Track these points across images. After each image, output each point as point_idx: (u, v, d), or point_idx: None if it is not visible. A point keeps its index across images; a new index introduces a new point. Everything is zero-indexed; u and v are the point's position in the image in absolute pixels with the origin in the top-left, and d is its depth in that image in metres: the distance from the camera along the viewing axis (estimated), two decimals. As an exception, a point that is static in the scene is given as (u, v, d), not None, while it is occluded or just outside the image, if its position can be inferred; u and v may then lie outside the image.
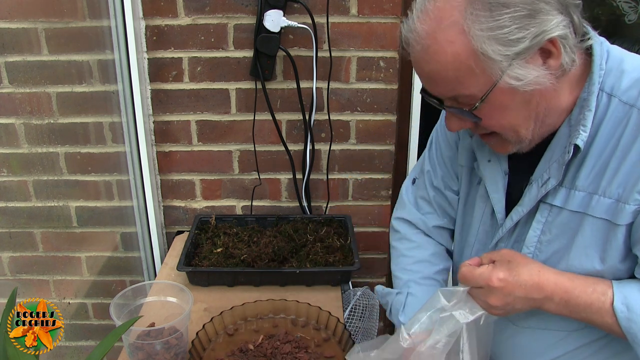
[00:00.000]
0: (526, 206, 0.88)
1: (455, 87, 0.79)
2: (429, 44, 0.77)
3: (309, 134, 1.62)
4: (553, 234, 0.87)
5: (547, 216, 0.87)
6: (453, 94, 0.81)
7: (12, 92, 1.58)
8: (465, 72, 0.77)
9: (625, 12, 2.32)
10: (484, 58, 0.75)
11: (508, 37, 0.74)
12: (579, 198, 0.83)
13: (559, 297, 0.81)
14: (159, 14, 1.51)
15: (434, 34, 0.77)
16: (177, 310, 1.17)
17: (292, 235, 1.55)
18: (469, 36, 0.75)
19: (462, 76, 0.77)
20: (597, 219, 0.82)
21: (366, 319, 1.54)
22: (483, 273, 0.82)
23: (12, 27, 1.51)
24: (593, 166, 0.82)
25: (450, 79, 0.78)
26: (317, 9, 1.49)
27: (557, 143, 0.85)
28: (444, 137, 1.09)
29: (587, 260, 0.84)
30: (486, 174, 0.95)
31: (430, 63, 0.79)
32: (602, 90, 0.82)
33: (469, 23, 0.74)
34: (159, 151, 1.66)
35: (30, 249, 1.79)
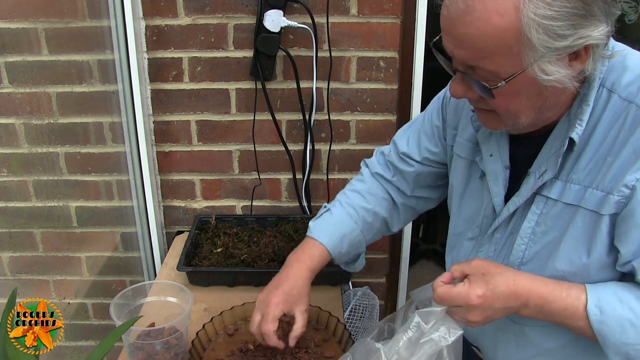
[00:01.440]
0: (522, 197, 0.89)
1: (483, 58, 0.77)
2: (476, 7, 0.73)
3: (309, 134, 1.62)
4: (547, 225, 0.87)
5: (542, 208, 0.88)
6: (475, 64, 0.78)
7: (12, 92, 1.58)
8: (502, 49, 0.74)
9: (625, 12, 2.32)
10: (525, 42, 0.73)
11: (557, 30, 0.72)
12: (574, 191, 0.84)
13: (533, 303, 0.82)
14: (159, 14, 1.51)
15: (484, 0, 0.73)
16: (177, 310, 1.17)
17: (292, 235, 1.55)
18: (521, 15, 0.72)
19: (496, 52, 0.75)
20: (588, 211, 0.82)
21: (366, 319, 1.54)
22: (460, 292, 0.82)
23: (12, 27, 1.51)
24: (590, 160, 0.82)
25: (483, 49, 0.75)
26: (317, 9, 1.49)
27: (556, 136, 0.86)
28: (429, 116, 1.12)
29: (575, 252, 0.84)
30: (488, 167, 0.96)
31: (470, 27, 0.75)
32: (603, 86, 0.82)
33: (526, 2, 0.71)
34: (159, 151, 1.66)
35: (30, 249, 1.79)
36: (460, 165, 1.05)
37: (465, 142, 1.03)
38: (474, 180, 1.01)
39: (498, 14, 0.72)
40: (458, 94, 0.85)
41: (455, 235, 1.07)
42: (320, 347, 1.15)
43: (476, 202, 1.01)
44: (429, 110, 1.14)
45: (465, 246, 1.04)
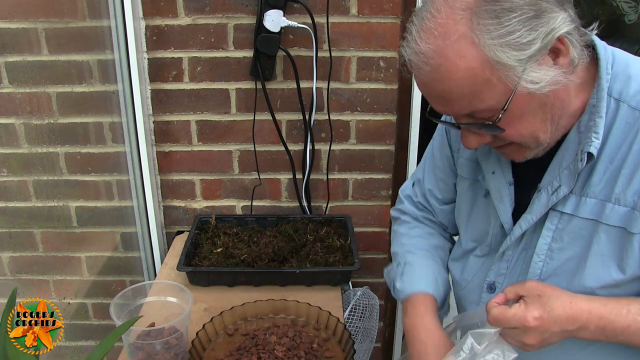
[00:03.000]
0: (535, 214, 0.87)
1: (471, 102, 0.76)
2: (439, 63, 0.74)
3: (309, 134, 1.62)
4: (565, 241, 0.86)
5: (557, 223, 0.86)
6: (469, 111, 0.78)
7: (12, 92, 1.58)
8: (482, 84, 0.74)
9: (625, 12, 2.32)
10: (499, 67, 0.73)
11: (520, 40, 0.72)
12: (590, 205, 0.82)
13: (594, 325, 0.79)
14: (159, 14, 1.51)
15: (442, 52, 0.74)
16: (177, 310, 1.17)
17: (292, 235, 1.55)
18: (480, 47, 0.72)
19: (478, 90, 0.75)
20: (613, 227, 0.81)
21: (366, 319, 1.54)
22: (517, 314, 0.79)
23: (12, 27, 1.51)
24: (604, 173, 0.81)
25: (466, 95, 0.75)
26: (317, 9, 1.49)
27: (566, 149, 0.84)
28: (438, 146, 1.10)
29: (603, 269, 0.82)
30: (491, 185, 0.94)
31: (443, 82, 0.75)
32: (610, 96, 0.81)
33: (477, 34, 0.72)
34: (159, 151, 1.66)
35: (30, 249, 1.79)
36: (464, 186, 1.03)
37: (466, 161, 1.01)
38: (479, 199, 1.00)
39: (460, 57, 0.73)
40: (473, 145, 0.84)
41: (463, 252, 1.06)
42: (320, 347, 1.15)
43: (483, 221, 0.99)
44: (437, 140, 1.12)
45: (472, 262, 1.02)
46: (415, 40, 0.77)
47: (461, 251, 1.07)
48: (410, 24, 0.80)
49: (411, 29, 0.79)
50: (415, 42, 0.77)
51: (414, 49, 0.77)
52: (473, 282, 1.02)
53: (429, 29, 0.76)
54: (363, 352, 1.53)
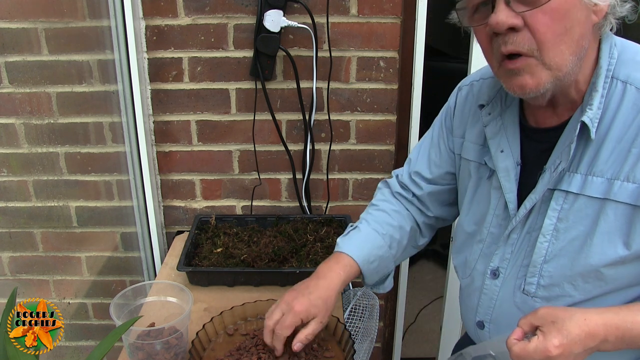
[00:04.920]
0: (539, 193, 0.88)
1: None
2: None
3: (309, 134, 1.62)
4: (570, 221, 0.87)
5: (562, 203, 0.87)
6: None
7: (12, 92, 1.58)
8: None
9: (625, 12, 2.32)
10: None
11: None
12: (597, 184, 0.83)
13: (613, 336, 0.79)
14: (159, 14, 1.51)
15: None
16: (177, 310, 1.17)
17: (292, 235, 1.55)
18: None
19: None
20: (621, 204, 0.82)
21: (366, 319, 1.53)
22: (538, 347, 0.79)
23: (12, 27, 1.51)
24: (611, 152, 0.82)
25: None
26: (317, 9, 1.49)
27: (569, 130, 0.86)
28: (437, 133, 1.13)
29: (610, 246, 0.84)
30: (499, 164, 0.95)
31: None
32: (617, 79, 0.83)
33: None
34: (159, 151, 1.66)
35: (30, 249, 1.79)
36: (468, 169, 1.04)
37: (473, 144, 1.02)
38: (483, 182, 1.01)
39: None
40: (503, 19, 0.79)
41: (465, 236, 1.07)
42: (320, 347, 1.15)
43: (485, 203, 1.00)
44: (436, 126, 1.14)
45: (474, 250, 1.03)
46: None
47: (463, 236, 1.07)
48: None
49: None
50: None
51: None
52: (476, 270, 1.03)
53: None
54: (363, 352, 1.53)
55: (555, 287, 0.90)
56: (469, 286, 1.05)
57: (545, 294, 0.92)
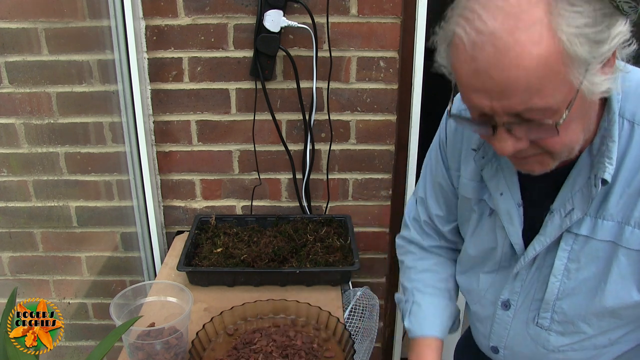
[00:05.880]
0: (549, 236, 0.86)
1: (532, 97, 0.67)
2: (509, 46, 0.65)
3: (309, 134, 1.62)
4: (582, 262, 0.84)
5: (572, 244, 0.85)
6: (524, 107, 0.69)
7: (12, 92, 1.58)
8: (550, 78, 0.66)
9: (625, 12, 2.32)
10: (572, 60, 0.65)
11: (596, 36, 0.66)
12: (608, 227, 0.81)
13: None
14: (159, 14, 1.51)
15: (514, 33, 0.64)
16: (177, 310, 1.18)
17: (292, 235, 1.55)
18: (558, 35, 0.64)
19: (545, 83, 0.66)
20: (633, 251, 0.79)
21: (366, 319, 1.53)
22: None
23: (12, 27, 1.51)
24: (621, 195, 0.79)
25: (531, 87, 0.66)
26: (317, 9, 1.49)
27: (578, 171, 0.82)
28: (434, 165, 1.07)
29: (624, 290, 0.82)
30: (499, 206, 0.91)
31: (509, 69, 0.66)
32: (623, 117, 0.78)
33: (556, 19, 0.64)
34: (159, 151, 1.66)
35: (30, 249, 1.79)
36: (467, 204, 1.00)
37: (469, 181, 0.98)
38: (484, 218, 0.97)
39: (534, 42, 0.64)
40: (509, 149, 0.74)
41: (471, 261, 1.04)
42: (320, 347, 1.15)
43: (490, 239, 0.97)
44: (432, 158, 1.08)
45: (482, 280, 1.01)
46: (481, 17, 0.67)
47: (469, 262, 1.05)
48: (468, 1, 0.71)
49: (473, 6, 0.68)
50: (480, 20, 0.67)
51: (478, 27, 0.67)
52: (486, 298, 1.01)
53: (497, 8, 0.66)
54: (363, 352, 1.53)
55: (569, 324, 0.89)
56: (480, 313, 1.03)
57: (560, 329, 0.90)
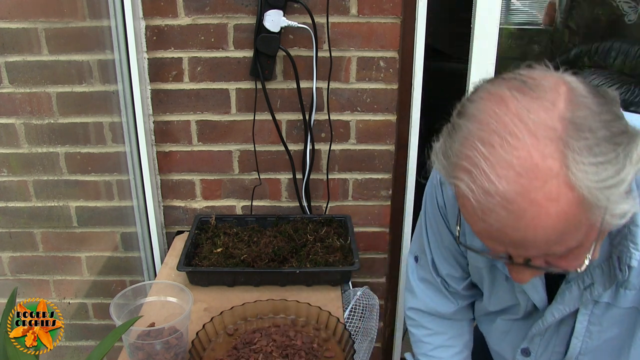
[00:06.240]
0: (568, 305, 0.83)
1: (551, 247, 0.63)
2: (523, 208, 0.58)
3: (309, 134, 1.62)
4: (604, 325, 0.83)
5: (592, 309, 0.83)
6: (544, 253, 0.65)
7: (12, 92, 1.58)
8: (571, 228, 0.61)
9: (625, 12, 2.32)
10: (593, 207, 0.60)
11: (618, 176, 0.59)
12: (630, 296, 0.78)
13: None
14: (159, 14, 1.51)
15: (529, 195, 0.58)
16: (177, 310, 1.17)
17: (292, 235, 1.55)
18: (577, 188, 0.58)
19: (565, 234, 0.61)
20: None
21: (366, 319, 1.53)
22: None
23: (12, 27, 1.51)
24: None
25: (550, 240, 0.61)
26: (317, 9, 1.49)
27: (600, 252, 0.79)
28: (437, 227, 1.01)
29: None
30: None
31: (525, 230, 0.60)
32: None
33: (573, 172, 0.58)
34: (159, 151, 1.66)
35: (30, 249, 1.79)
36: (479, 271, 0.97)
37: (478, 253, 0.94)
38: (500, 281, 0.94)
39: (552, 200, 0.58)
40: (526, 279, 0.71)
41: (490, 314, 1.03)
42: (320, 347, 1.15)
43: (511, 299, 0.93)
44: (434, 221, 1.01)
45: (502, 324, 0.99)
46: (488, 175, 0.58)
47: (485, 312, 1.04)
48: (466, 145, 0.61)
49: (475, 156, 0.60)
50: (487, 178, 0.59)
51: (486, 188, 0.59)
52: (505, 342, 0.99)
53: (506, 163, 0.58)
54: (363, 352, 1.53)
55: None
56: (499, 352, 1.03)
57: None
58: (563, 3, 3.21)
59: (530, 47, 3.41)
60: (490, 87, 0.64)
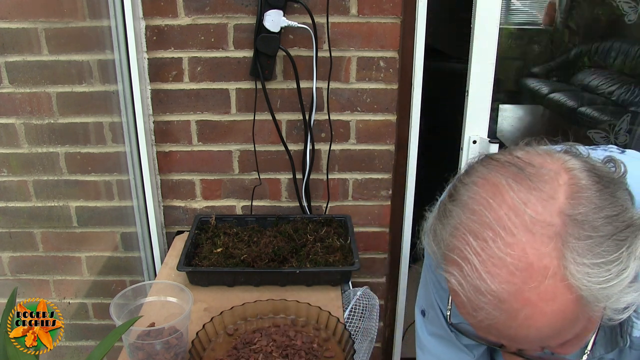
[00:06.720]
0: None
1: (546, 341, 0.60)
2: (516, 308, 0.55)
3: (309, 134, 1.62)
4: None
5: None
6: (539, 346, 0.62)
7: (12, 92, 1.58)
8: (568, 325, 0.58)
9: (625, 12, 2.32)
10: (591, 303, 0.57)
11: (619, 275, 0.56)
12: (636, 355, 0.74)
13: None
14: (159, 14, 1.51)
15: (522, 295, 0.55)
16: (177, 310, 1.17)
17: (292, 235, 1.55)
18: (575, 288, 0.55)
19: (561, 330, 0.58)
20: None
21: (366, 319, 1.53)
22: None
23: (12, 27, 1.51)
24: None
25: (545, 337, 0.58)
26: (317, 9, 1.49)
27: None
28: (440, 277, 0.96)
29: None
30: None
31: (519, 328, 0.57)
32: None
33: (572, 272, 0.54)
34: (159, 151, 1.66)
35: (30, 249, 1.79)
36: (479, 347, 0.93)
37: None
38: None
39: (547, 300, 0.55)
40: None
41: None
42: (320, 347, 1.15)
43: None
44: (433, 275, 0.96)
45: None
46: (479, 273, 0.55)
47: None
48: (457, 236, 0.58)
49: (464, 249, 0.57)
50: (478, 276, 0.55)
51: (476, 286, 0.56)
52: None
53: (499, 260, 0.55)
54: (363, 352, 1.53)
55: None
56: None
57: None
58: (563, 3, 3.21)
59: (530, 47, 3.41)
60: (486, 173, 0.60)
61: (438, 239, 0.61)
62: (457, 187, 0.62)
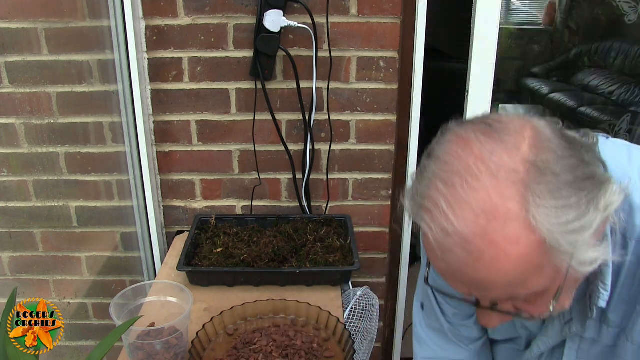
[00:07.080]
0: (552, 338, 0.84)
1: (514, 289, 0.62)
2: (482, 249, 0.58)
3: (309, 134, 1.62)
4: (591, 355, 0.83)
5: (578, 343, 0.83)
6: (508, 296, 0.65)
7: (12, 92, 1.58)
8: (532, 271, 0.60)
9: (625, 12, 2.33)
10: (556, 251, 0.59)
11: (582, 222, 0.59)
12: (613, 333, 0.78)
13: None
14: (159, 14, 1.51)
15: (487, 236, 0.58)
16: (177, 310, 1.18)
17: (292, 235, 1.55)
18: (538, 230, 0.57)
19: (526, 277, 0.61)
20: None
21: (366, 319, 1.53)
22: None
23: (12, 27, 1.51)
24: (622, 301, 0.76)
25: (512, 282, 0.61)
26: (317, 9, 1.49)
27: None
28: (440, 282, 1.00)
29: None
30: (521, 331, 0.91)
31: (485, 271, 0.60)
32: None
33: (534, 215, 0.57)
34: (159, 151, 1.66)
35: (30, 249, 1.79)
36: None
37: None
38: None
39: (511, 243, 0.58)
40: (494, 324, 0.71)
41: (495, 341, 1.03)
42: (320, 347, 1.15)
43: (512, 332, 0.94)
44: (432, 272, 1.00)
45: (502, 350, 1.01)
46: (447, 215, 0.59)
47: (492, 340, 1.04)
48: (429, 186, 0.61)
49: (435, 196, 0.60)
50: (446, 218, 0.59)
51: (444, 227, 0.59)
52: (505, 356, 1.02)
53: (465, 203, 0.58)
54: (363, 352, 1.53)
55: None
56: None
57: None
58: (563, 3, 3.21)
59: (530, 47, 3.41)
60: (458, 130, 0.65)
61: (415, 193, 0.64)
62: (433, 146, 0.66)
